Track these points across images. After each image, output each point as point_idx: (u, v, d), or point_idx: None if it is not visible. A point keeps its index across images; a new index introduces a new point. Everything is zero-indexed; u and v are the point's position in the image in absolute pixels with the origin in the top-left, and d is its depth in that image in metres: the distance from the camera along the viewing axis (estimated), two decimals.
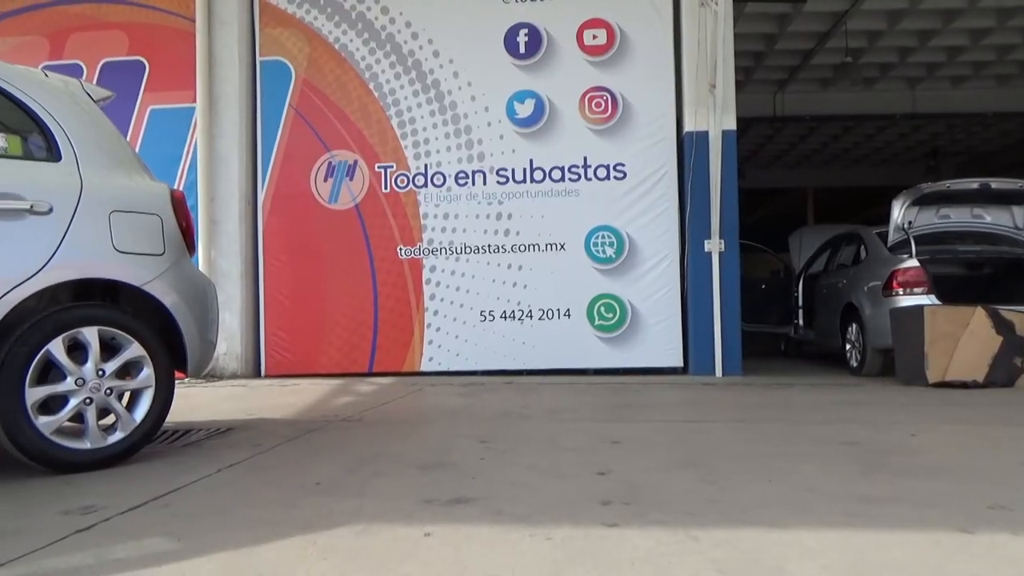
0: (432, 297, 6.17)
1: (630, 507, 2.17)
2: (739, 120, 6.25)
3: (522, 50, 6.18)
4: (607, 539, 1.89)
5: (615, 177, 6.09)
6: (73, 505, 2.28)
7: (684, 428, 3.68)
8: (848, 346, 6.68)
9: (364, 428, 3.68)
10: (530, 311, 6.11)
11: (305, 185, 6.27)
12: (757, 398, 4.83)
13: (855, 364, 6.49)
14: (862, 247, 6.88)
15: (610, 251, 6.06)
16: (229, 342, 6.04)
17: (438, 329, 6.14)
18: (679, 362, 6.05)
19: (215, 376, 6.06)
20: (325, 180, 6.27)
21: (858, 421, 3.87)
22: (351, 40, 6.31)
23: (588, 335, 6.05)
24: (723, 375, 5.86)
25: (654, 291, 6.03)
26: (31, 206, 2.70)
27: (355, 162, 6.26)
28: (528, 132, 6.16)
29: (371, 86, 6.27)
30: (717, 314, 5.91)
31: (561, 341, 6.06)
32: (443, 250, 6.17)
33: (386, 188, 6.24)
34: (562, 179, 6.13)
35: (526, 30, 6.18)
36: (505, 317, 6.11)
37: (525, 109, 6.17)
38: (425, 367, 6.13)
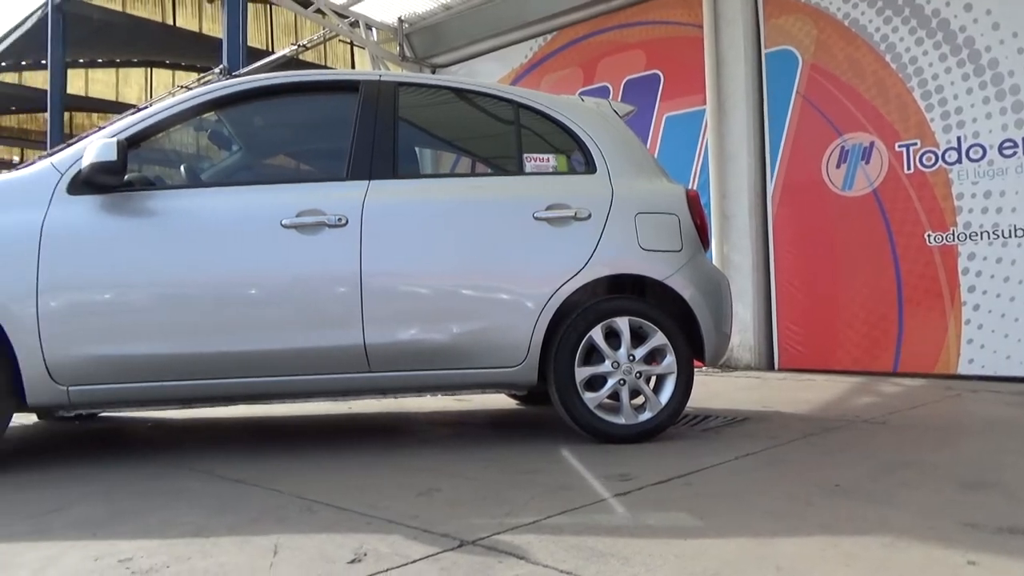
0: (971, 289, 5.31)
1: None
2: None
3: None
4: None
5: None
6: (612, 471, 2.61)
7: None
8: None
9: (888, 432, 3.37)
10: None
11: (816, 173, 6.03)
12: None
13: None
14: None
15: None
16: (742, 334, 6.17)
17: (980, 327, 5.26)
18: None
19: (729, 367, 6.26)
20: (838, 166, 5.93)
21: None
22: (863, 13, 5.83)
23: None
24: None
25: None
26: (575, 213, 3.22)
27: (871, 144, 5.77)
28: None
29: (887, 58, 5.70)
30: None
31: None
32: (985, 234, 5.26)
33: (909, 168, 5.60)
34: None
35: None
36: None
37: None
38: (963, 370, 5.31)
